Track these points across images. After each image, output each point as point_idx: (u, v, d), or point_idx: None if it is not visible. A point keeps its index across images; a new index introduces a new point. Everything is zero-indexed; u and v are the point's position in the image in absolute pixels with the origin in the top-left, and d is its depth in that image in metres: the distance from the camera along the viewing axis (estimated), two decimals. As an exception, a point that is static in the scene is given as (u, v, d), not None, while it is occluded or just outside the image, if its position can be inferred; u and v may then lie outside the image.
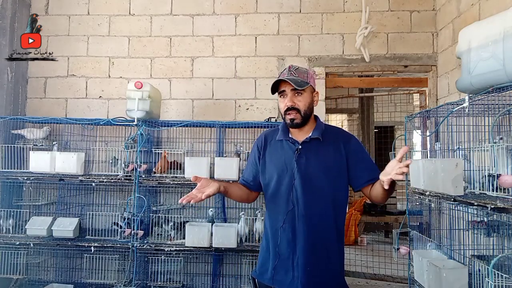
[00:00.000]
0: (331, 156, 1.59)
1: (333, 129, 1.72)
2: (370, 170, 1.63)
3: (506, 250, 2.06)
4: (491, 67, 1.82)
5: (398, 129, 7.98)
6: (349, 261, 4.40)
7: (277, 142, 1.68)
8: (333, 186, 1.59)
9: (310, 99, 1.62)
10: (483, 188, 1.86)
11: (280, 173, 1.60)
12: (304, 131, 1.64)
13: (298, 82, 1.55)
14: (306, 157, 1.59)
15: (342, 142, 1.63)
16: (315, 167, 1.58)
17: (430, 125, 2.92)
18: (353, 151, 1.63)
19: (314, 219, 1.55)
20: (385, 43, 3.44)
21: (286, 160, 1.61)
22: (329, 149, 1.60)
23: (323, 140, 1.62)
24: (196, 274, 3.31)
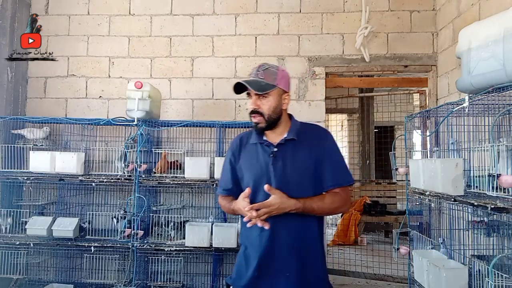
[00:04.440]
0: (308, 157, 1.52)
1: (310, 127, 1.64)
2: (338, 174, 1.54)
3: (506, 250, 2.06)
4: (491, 67, 1.82)
5: (398, 129, 7.99)
6: (349, 261, 4.40)
7: (251, 146, 1.59)
8: (313, 188, 1.51)
9: (277, 102, 1.51)
10: (483, 188, 1.86)
11: (257, 179, 1.51)
12: (278, 133, 1.56)
13: (261, 86, 1.48)
14: (283, 160, 1.51)
15: (318, 139, 1.56)
16: (292, 170, 1.50)
17: (430, 125, 2.92)
18: (326, 150, 1.55)
19: (294, 225, 1.48)
20: (385, 43, 3.44)
21: (262, 165, 1.52)
22: (306, 149, 1.53)
23: (299, 140, 1.54)
24: (196, 274, 3.31)
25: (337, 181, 1.52)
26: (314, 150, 1.52)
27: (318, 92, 3.45)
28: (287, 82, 1.57)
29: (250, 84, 1.47)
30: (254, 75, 1.52)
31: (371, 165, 7.00)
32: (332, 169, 1.53)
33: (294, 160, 1.51)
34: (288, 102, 1.57)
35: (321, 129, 1.65)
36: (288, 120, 1.60)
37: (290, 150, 1.52)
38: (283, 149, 1.52)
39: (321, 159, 1.52)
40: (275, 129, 1.56)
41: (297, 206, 1.43)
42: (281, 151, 1.52)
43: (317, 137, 1.57)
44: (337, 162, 1.56)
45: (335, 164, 1.55)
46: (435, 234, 2.75)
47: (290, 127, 1.58)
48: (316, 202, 1.47)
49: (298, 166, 1.50)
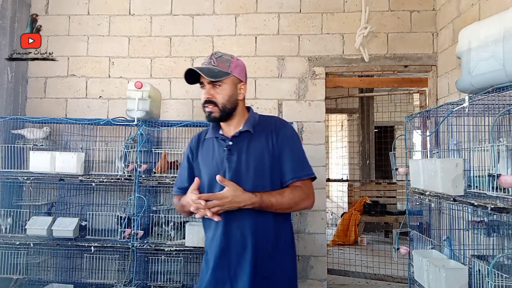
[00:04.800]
0: (264, 150, 1.43)
1: (268, 119, 1.55)
2: (297, 166, 1.45)
3: (506, 250, 2.06)
4: (491, 67, 1.82)
5: (398, 129, 7.99)
6: (349, 261, 4.40)
7: (208, 141, 1.52)
8: (271, 183, 1.42)
9: (232, 91, 1.44)
10: (483, 187, 1.86)
11: (212, 176, 1.41)
12: (233, 125, 1.49)
13: (214, 73, 1.39)
14: (238, 154, 1.42)
15: (275, 131, 1.46)
16: (247, 165, 1.41)
17: (430, 125, 2.92)
18: (283, 141, 1.45)
19: (250, 223, 1.39)
20: (385, 43, 3.44)
21: (217, 160, 1.44)
22: (261, 141, 1.44)
23: (255, 132, 1.46)
24: (196, 274, 3.31)
25: (296, 174, 1.44)
26: (271, 142, 1.44)
27: (318, 92, 3.45)
28: (242, 71, 1.50)
29: (203, 70, 1.38)
30: (207, 63, 1.43)
31: (371, 165, 7.00)
32: (291, 162, 1.44)
33: (249, 153, 1.42)
34: (245, 93, 1.50)
35: (279, 120, 1.56)
36: (245, 112, 1.52)
37: (245, 143, 1.44)
38: (238, 142, 1.45)
39: (279, 152, 1.44)
40: (231, 121, 1.48)
41: (253, 201, 1.33)
42: (236, 145, 1.44)
43: (275, 129, 1.47)
44: (296, 155, 1.47)
45: (294, 157, 1.46)
46: (435, 234, 2.75)
47: (247, 119, 1.49)
48: (274, 196, 1.37)
49: (253, 160, 1.41)
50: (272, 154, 1.43)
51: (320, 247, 3.38)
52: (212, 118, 1.45)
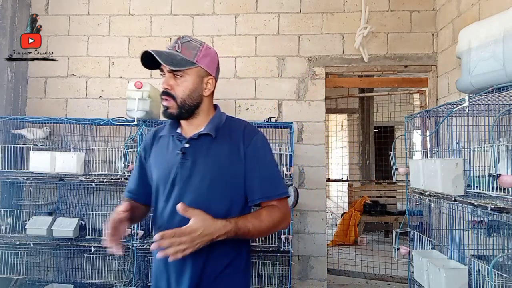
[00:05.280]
0: (226, 159, 1.21)
1: (236, 124, 1.31)
2: (267, 184, 1.23)
3: (506, 250, 2.06)
4: (491, 67, 1.82)
5: (398, 129, 7.99)
6: (349, 261, 4.40)
7: (164, 139, 1.30)
8: (227, 199, 1.20)
9: (195, 85, 1.22)
10: (482, 187, 1.86)
11: (160, 183, 1.23)
12: (195, 125, 1.26)
13: (175, 60, 1.17)
14: (193, 160, 1.20)
15: (243, 140, 1.24)
16: (202, 174, 1.19)
17: (430, 125, 2.92)
18: (253, 152, 1.23)
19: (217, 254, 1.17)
20: (385, 43, 3.44)
21: (168, 164, 1.22)
22: (223, 149, 1.22)
23: (217, 137, 1.23)
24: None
25: (266, 193, 1.22)
26: (237, 151, 1.22)
27: (318, 92, 3.45)
28: (213, 63, 1.27)
29: (161, 55, 1.16)
30: (171, 47, 1.21)
31: (371, 165, 7.00)
32: (260, 178, 1.22)
33: (207, 161, 1.20)
34: (212, 88, 1.28)
35: (249, 127, 1.30)
36: (211, 111, 1.30)
37: (204, 149, 1.22)
38: (195, 146, 1.22)
39: (246, 165, 1.22)
40: (192, 119, 1.26)
41: (228, 229, 1.10)
42: (193, 149, 1.22)
43: (243, 136, 1.25)
44: (267, 170, 1.25)
45: (264, 172, 1.24)
46: (435, 234, 2.75)
47: (211, 120, 1.27)
48: (251, 221, 1.15)
49: (211, 170, 1.19)
50: (236, 165, 1.21)
51: (320, 247, 3.38)
52: (168, 115, 1.22)
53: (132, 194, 1.34)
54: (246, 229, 1.14)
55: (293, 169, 3.03)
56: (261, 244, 2.90)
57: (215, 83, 1.30)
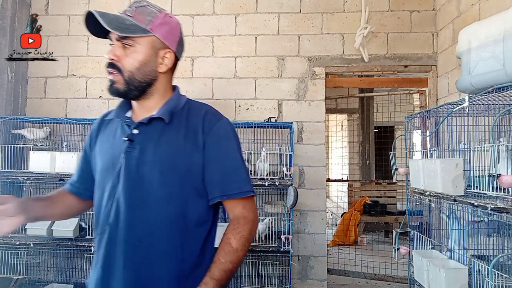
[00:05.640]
0: (179, 148, 1.02)
1: (196, 108, 1.12)
2: (229, 179, 1.05)
3: (506, 250, 2.06)
4: (491, 67, 1.82)
5: (398, 129, 8.00)
6: (349, 261, 4.40)
7: (112, 124, 1.12)
8: (181, 197, 1.02)
9: (147, 57, 1.03)
10: (482, 187, 1.86)
11: (104, 175, 1.06)
12: (147, 108, 1.08)
13: (124, 25, 1.00)
14: (141, 148, 1.03)
15: (202, 127, 1.06)
16: (151, 165, 1.01)
17: (430, 125, 2.92)
18: (213, 143, 1.05)
19: (142, 250, 0.99)
20: (385, 43, 3.44)
21: (114, 154, 1.05)
22: (178, 136, 1.04)
23: (172, 122, 1.05)
24: (196, 274, 3.30)
25: (226, 190, 1.05)
26: (193, 139, 1.04)
27: (318, 92, 3.45)
28: (172, 34, 1.07)
29: (104, 17, 1.00)
30: (122, 11, 1.08)
31: (371, 165, 7.00)
32: (221, 172, 1.05)
33: (159, 150, 1.03)
34: (170, 64, 1.08)
35: (211, 112, 1.12)
36: (169, 92, 1.11)
37: (155, 136, 1.04)
38: (145, 132, 1.05)
39: (204, 156, 1.04)
40: (144, 101, 1.07)
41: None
42: (142, 136, 1.04)
43: (203, 123, 1.06)
44: (229, 162, 1.07)
45: (226, 165, 1.06)
46: (435, 234, 2.75)
47: (167, 102, 1.08)
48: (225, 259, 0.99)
49: (162, 160, 1.01)
50: (192, 156, 1.03)
51: (320, 247, 3.38)
52: (114, 91, 1.03)
53: (74, 188, 1.18)
54: (226, 272, 0.97)
55: (293, 169, 3.03)
56: (261, 244, 2.90)
57: (175, 59, 1.10)
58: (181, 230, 1.01)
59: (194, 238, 1.04)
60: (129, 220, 0.99)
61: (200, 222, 1.05)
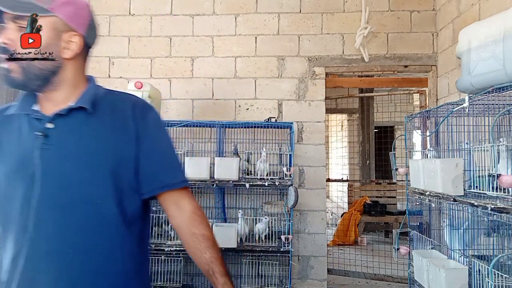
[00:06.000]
0: (109, 141, 0.93)
1: (120, 97, 1.02)
2: (169, 169, 1.01)
3: (506, 250, 2.06)
4: (491, 67, 1.82)
5: (398, 129, 8.00)
6: (349, 261, 4.40)
7: (15, 121, 0.94)
8: (115, 194, 0.92)
9: (49, 40, 0.93)
10: (483, 187, 1.86)
11: (10, 180, 0.89)
12: (59, 100, 0.94)
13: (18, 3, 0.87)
14: (60, 145, 0.89)
15: (133, 116, 0.97)
16: (75, 164, 0.89)
17: (430, 125, 2.92)
18: (148, 133, 0.98)
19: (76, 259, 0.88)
20: (385, 43, 3.44)
21: (24, 155, 0.89)
22: (106, 128, 0.94)
23: (95, 112, 0.94)
24: (196, 274, 3.31)
25: (167, 180, 0.99)
26: (123, 131, 0.95)
27: (318, 92, 3.45)
28: (79, 16, 0.94)
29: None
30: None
31: (371, 165, 7.00)
32: (160, 163, 0.99)
33: (82, 145, 0.91)
34: (78, 49, 0.95)
35: (140, 101, 1.03)
36: (81, 83, 0.99)
37: (76, 128, 0.92)
38: (64, 125, 0.91)
39: (139, 147, 0.96)
40: (51, 93, 0.94)
41: None
42: (60, 130, 0.91)
43: (132, 112, 0.98)
44: (166, 152, 1.02)
45: (164, 156, 1.01)
46: (435, 234, 2.75)
47: (84, 92, 0.96)
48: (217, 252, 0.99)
49: (88, 156, 0.90)
50: (125, 148, 0.94)
51: (320, 247, 3.38)
52: (10, 81, 0.90)
53: None
54: (223, 261, 0.99)
55: (293, 169, 3.03)
56: (261, 244, 2.90)
57: (84, 44, 0.97)
58: (119, 229, 0.92)
59: (133, 236, 0.96)
60: (56, 228, 0.87)
61: (135, 218, 0.97)
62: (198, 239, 0.98)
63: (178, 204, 1.01)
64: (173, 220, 1.02)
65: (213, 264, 0.97)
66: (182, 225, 1.01)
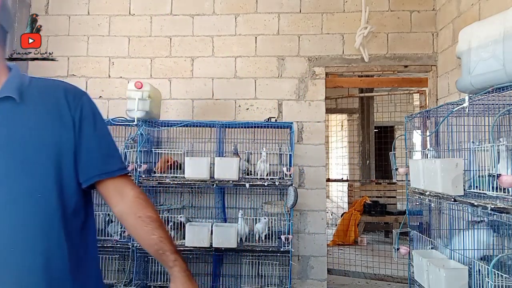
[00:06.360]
0: (44, 130, 0.89)
1: (49, 84, 0.98)
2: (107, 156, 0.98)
3: (506, 250, 2.06)
4: (491, 67, 1.82)
5: (398, 129, 8.00)
6: (349, 261, 4.40)
7: None
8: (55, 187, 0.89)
9: None
10: (482, 188, 1.86)
11: None
12: None
13: None
14: None
15: (67, 103, 0.93)
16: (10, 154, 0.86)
17: (430, 125, 2.92)
18: (85, 120, 0.95)
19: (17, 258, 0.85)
20: (385, 43, 3.44)
21: None
22: (39, 116, 0.90)
23: (24, 101, 0.89)
24: (196, 274, 3.31)
25: (107, 167, 0.97)
26: (58, 118, 0.91)
27: (318, 92, 3.45)
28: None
29: None
30: None
31: (371, 165, 7.00)
32: (99, 150, 0.97)
33: (17, 134, 0.87)
34: None
35: (71, 87, 0.99)
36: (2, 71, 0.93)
37: (5, 118, 0.88)
38: None
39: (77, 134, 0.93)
40: None
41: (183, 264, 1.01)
42: None
43: (65, 98, 0.93)
44: (105, 139, 1.00)
45: (103, 142, 0.99)
46: (435, 234, 2.75)
47: (7, 80, 0.91)
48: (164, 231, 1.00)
49: (24, 145, 0.87)
50: (61, 136, 0.91)
51: (320, 247, 3.38)
52: None
53: None
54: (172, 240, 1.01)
55: (293, 169, 3.03)
56: (261, 244, 2.90)
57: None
58: (62, 222, 0.89)
59: (76, 228, 0.94)
60: None
61: (77, 210, 0.95)
62: (144, 221, 0.98)
63: (120, 191, 1.00)
64: (116, 207, 1.00)
65: (162, 243, 0.96)
66: (126, 210, 1.00)
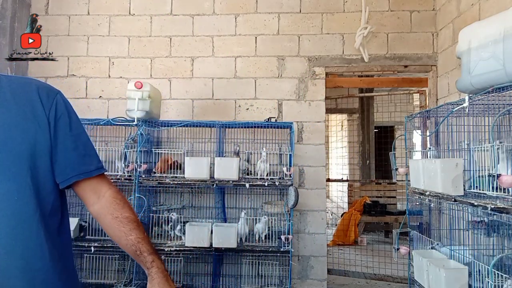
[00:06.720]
0: (19, 129, 0.88)
1: (21, 82, 0.96)
2: (84, 155, 0.98)
3: (506, 250, 2.06)
4: (491, 67, 1.82)
5: (398, 129, 8.00)
6: (349, 261, 4.40)
7: None
8: (32, 191, 0.88)
9: None
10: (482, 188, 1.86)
11: None
12: None
13: None
14: None
15: (41, 102, 0.92)
16: None
17: (430, 125, 2.92)
18: (60, 119, 0.94)
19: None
20: (385, 43, 3.44)
21: None
22: (12, 116, 0.88)
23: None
24: (196, 274, 3.31)
25: (85, 167, 0.97)
26: (32, 118, 0.90)
27: (318, 92, 3.45)
28: None
29: None
30: None
31: (371, 165, 7.00)
32: (76, 150, 0.96)
33: None
34: None
35: (44, 85, 0.98)
36: None
37: None
38: None
39: (55, 134, 0.93)
40: None
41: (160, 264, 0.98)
42: None
43: (38, 97, 0.92)
44: (81, 138, 0.99)
45: (79, 141, 0.98)
46: (435, 234, 2.75)
47: None
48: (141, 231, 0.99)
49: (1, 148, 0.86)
50: (37, 137, 0.89)
51: (320, 247, 3.38)
52: None
53: None
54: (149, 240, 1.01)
55: (293, 169, 3.03)
56: (261, 244, 2.90)
57: None
58: (41, 223, 0.89)
59: (54, 228, 0.94)
60: None
61: (54, 211, 0.95)
62: (122, 222, 0.97)
63: (96, 191, 1.00)
64: (93, 207, 1.00)
65: (140, 244, 0.96)
66: (103, 210, 0.99)
